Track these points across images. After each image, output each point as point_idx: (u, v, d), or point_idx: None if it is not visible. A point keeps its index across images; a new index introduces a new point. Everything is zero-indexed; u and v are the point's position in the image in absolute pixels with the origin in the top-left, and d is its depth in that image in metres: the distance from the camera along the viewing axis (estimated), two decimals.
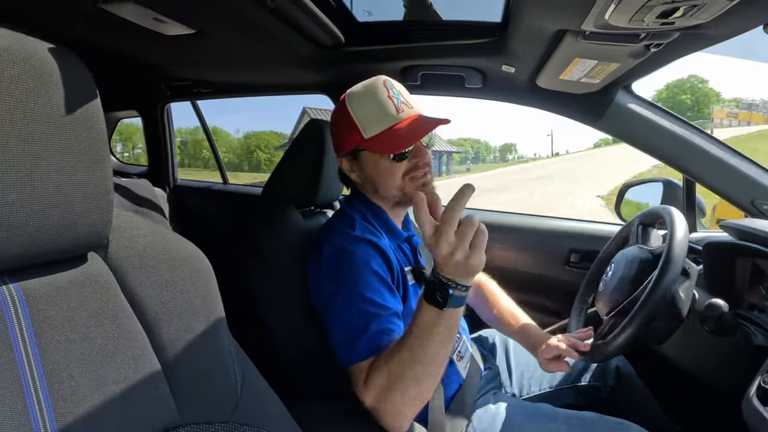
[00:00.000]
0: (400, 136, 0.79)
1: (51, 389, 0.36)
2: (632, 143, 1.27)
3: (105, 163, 0.41)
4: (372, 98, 0.81)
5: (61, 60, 0.38)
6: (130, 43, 1.37)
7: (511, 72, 1.21)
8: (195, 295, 0.49)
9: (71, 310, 0.40)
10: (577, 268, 1.47)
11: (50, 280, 0.40)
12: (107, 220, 0.43)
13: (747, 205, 1.17)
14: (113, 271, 0.45)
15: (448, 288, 0.62)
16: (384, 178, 0.83)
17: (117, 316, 0.43)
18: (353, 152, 0.84)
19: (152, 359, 0.44)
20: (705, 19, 0.69)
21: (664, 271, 0.75)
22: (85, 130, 0.39)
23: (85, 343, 0.40)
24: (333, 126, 0.88)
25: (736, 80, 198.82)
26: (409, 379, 0.66)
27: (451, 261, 0.60)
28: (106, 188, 0.42)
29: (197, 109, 2.22)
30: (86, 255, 0.43)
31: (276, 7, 1.01)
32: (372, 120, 0.80)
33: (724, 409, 0.85)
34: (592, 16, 0.75)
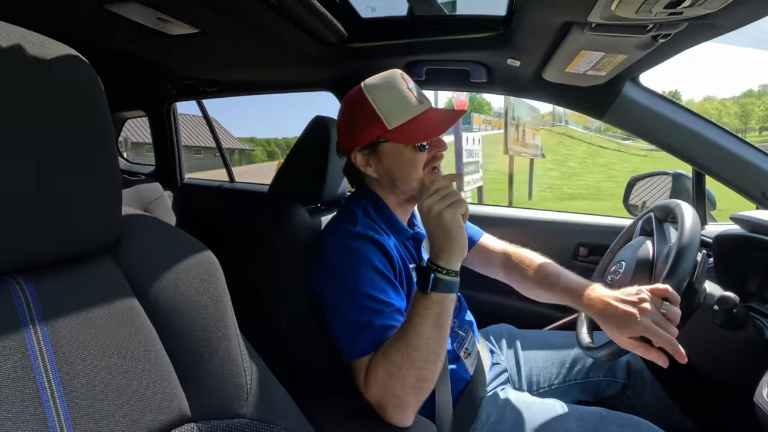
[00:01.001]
0: (426, 126, 0.80)
1: (65, 385, 0.37)
2: (640, 135, 1.26)
3: (113, 163, 0.42)
4: (394, 89, 0.81)
5: (67, 61, 0.38)
6: (136, 43, 1.38)
7: (516, 66, 1.20)
8: (204, 293, 0.49)
9: (83, 309, 0.40)
10: (585, 262, 1.46)
11: (62, 280, 0.40)
12: (116, 221, 0.43)
13: (759, 197, 1.15)
14: (123, 270, 0.45)
15: (431, 272, 0.69)
16: (407, 170, 0.82)
17: (128, 315, 0.43)
18: (371, 145, 0.82)
19: (163, 357, 0.44)
20: (714, 8, 0.68)
21: (676, 264, 0.75)
22: (92, 131, 0.39)
23: (98, 341, 0.40)
24: (346, 120, 0.85)
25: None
26: (407, 367, 0.67)
27: (431, 213, 0.71)
28: (114, 188, 0.42)
29: (203, 108, 2.23)
30: (96, 255, 0.44)
31: (279, 5, 1.01)
32: (395, 110, 0.79)
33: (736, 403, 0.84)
34: (599, 8, 0.74)
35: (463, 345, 0.92)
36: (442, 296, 0.69)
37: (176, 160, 2.32)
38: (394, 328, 0.72)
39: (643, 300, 0.73)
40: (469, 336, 0.95)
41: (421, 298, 0.70)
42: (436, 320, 0.68)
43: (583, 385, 1.06)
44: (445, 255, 0.70)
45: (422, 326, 0.67)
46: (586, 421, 0.84)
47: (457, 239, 0.70)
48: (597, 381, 1.06)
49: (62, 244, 0.39)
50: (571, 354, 1.08)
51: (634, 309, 0.72)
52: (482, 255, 1.10)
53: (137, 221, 0.49)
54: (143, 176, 2.22)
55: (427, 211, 0.72)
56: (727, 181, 1.18)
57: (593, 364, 1.06)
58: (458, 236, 0.70)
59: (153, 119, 2.25)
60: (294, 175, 0.99)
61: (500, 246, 1.10)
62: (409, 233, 0.90)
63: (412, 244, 0.93)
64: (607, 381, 1.05)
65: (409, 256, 0.89)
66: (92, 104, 0.39)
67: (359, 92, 0.82)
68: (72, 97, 0.38)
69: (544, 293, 0.97)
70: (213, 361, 0.48)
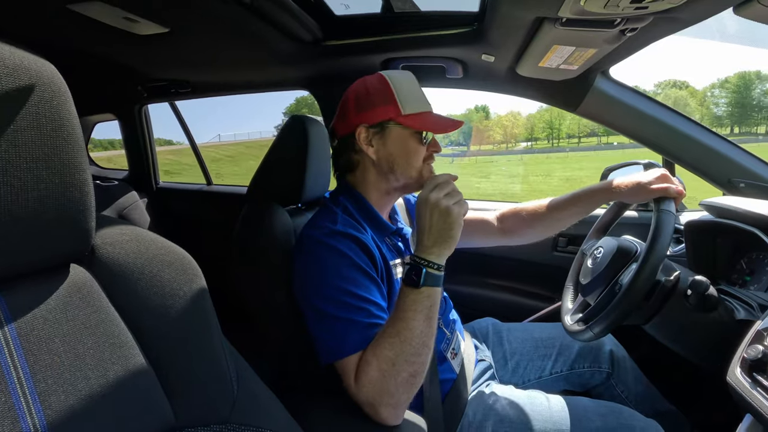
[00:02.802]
0: (437, 121, 0.86)
1: (41, 398, 0.36)
2: (612, 127, 1.29)
3: (83, 169, 0.40)
4: (413, 84, 0.88)
5: (31, 64, 0.36)
6: (102, 44, 1.34)
7: (491, 61, 1.21)
8: (184, 298, 0.48)
9: (57, 322, 0.39)
10: (565, 252, 1.49)
11: (33, 291, 0.39)
12: (89, 228, 0.42)
13: (724, 183, 1.20)
14: (98, 279, 0.44)
15: (422, 267, 0.71)
16: (409, 157, 0.85)
17: (105, 325, 0.42)
18: (381, 125, 0.85)
19: (144, 366, 0.43)
20: (676, 2, 0.70)
21: (651, 250, 0.77)
22: (59, 137, 0.38)
23: (74, 354, 0.39)
24: (360, 96, 0.86)
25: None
26: (401, 363, 0.67)
27: (439, 207, 0.73)
28: (85, 195, 0.41)
29: (176, 110, 2.18)
30: (69, 265, 0.42)
31: (252, 4, 1.00)
32: (412, 100, 0.85)
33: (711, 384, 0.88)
34: (568, 3, 0.75)
35: (449, 345, 0.93)
36: (432, 290, 0.71)
37: (150, 163, 2.26)
38: (378, 326, 0.72)
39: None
40: (454, 335, 0.96)
41: (410, 294, 0.71)
42: (427, 313, 0.70)
43: (569, 376, 1.08)
44: (437, 250, 0.72)
45: (414, 321, 0.69)
46: (571, 412, 0.86)
47: (455, 236, 0.73)
48: (582, 371, 1.08)
49: (31, 256, 0.38)
50: (556, 346, 1.10)
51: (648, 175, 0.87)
52: (471, 226, 1.11)
53: (111, 228, 0.47)
54: (116, 182, 2.16)
55: (433, 205, 0.73)
56: (695, 168, 1.22)
57: (578, 354, 1.09)
58: (457, 234, 0.73)
59: (124, 122, 2.18)
60: (273, 176, 0.97)
61: (480, 213, 1.14)
62: (391, 229, 0.90)
63: (399, 239, 0.93)
64: (592, 371, 1.08)
65: (392, 252, 0.89)
66: (58, 108, 0.38)
67: (380, 77, 0.87)
68: (36, 102, 0.36)
69: (567, 211, 0.99)
70: (196, 366, 0.47)
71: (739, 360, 0.68)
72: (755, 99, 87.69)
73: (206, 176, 2.28)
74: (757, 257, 0.99)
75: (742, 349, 0.69)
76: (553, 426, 0.84)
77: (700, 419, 1.05)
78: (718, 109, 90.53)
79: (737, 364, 0.68)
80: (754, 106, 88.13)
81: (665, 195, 0.83)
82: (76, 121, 0.39)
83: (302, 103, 74.32)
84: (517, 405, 0.88)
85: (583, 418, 0.85)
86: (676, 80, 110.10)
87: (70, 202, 0.39)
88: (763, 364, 0.63)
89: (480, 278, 1.63)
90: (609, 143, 76.32)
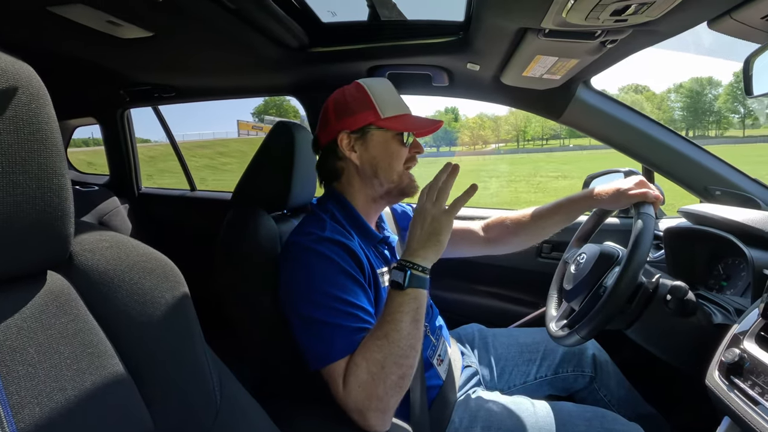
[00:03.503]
0: (415, 123, 0.88)
1: (14, 409, 0.34)
2: (594, 135, 1.32)
3: (61, 174, 0.39)
4: (389, 88, 0.89)
5: (8, 66, 0.36)
6: (84, 47, 1.31)
7: (476, 70, 1.23)
8: (166, 305, 0.47)
9: (32, 331, 0.38)
10: (549, 258, 1.51)
11: (8, 300, 0.38)
12: (68, 234, 0.41)
13: (701, 190, 1.24)
14: (77, 287, 0.42)
15: (407, 269, 0.72)
16: (391, 160, 0.86)
17: (83, 334, 0.41)
18: (361, 130, 0.85)
19: (124, 376, 0.42)
20: (655, 16, 0.73)
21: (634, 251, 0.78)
22: (37, 141, 0.37)
23: (50, 364, 0.38)
24: (339, 104, 0.88)
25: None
26: (389, 365, 0.67)
27: (424, 209, 0.75)
28: (64, 201, 0.40)
29: (159, 115, 2.15)
30: (47, 273, 0.41)
31: (238, 9, 0.99)
32: (390, 104, 0.87)
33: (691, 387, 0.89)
34: (551, 15, 0.77)
35: (436, 352, 0.93)
36: (418, 291, 0.72)
37: (132, 169, 2.22)
38: (366, 330, 0.72)
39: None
40: (441, 342, 0.96)
41: (397, 296, 0.72)
42: (414, 315, 0.71)
43: (553, 380, 1.09)
44: (423, 253, 0.74)
45: (402, 322, 0.69)
46: (556, 417, 0.87)
47: (443, 242, 0.75)
48: (566, 376, 1.09)
49: (6, 262, 0.37)
50: (541, 351, 1.11)
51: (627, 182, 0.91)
52: (456, 236, 1.12)
53: (91, 235, 0.46)
54: (96, 187, 2.11)
55: (427, 212, 0.75)
56: (672, 176, 1.26)
57: (562, 359, 1.10)
58: (445, 239, 0.75)
59: (105, 127, 2.14)
60: (258, 182, 0.97)
61: (465, 223, 1.15)
62: (378, 237, 0.89)
63: (385, 247, 0.93)
64: (575, 375, 1.09)
65: (379, 260, 0.89)
66: (36, 111, 0.37)
67: (356, 84, 0.88)
68: (13, 105, 0.35)
69: (550, 220, 1.02)
70: (178, 375, 0.46)
71: (717, 363, 0.70)
72: (707, 103, 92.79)
73: (190, 182, 2.25)
74: (733, 263, 1.02)
75: (720, 353, 0.70)
76: (539, 431, 0.84)
77: (680, 422, 1.07)
78: (675, 113, 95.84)
79: (715, 368, 0.70)
80: (706, 110, 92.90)
81: (644, 200, 0.86)
82: (54, 125, 0.39)
83: (270, 104, 75.52)
84: (503, 411, 0.89)
85: (568, 422, 0.85)
86: (638, 84, 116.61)
87: (48, 208, 0.38)
88: (739, 367, 0.65)
89: (466, 284, 1.63)
90: (565, 145, 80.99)
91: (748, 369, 0.64)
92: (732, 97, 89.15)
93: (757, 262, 0.83)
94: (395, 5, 1.19)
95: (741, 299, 0.92)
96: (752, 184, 1.16)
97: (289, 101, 54.12)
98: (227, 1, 0.95)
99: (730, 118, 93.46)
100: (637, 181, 0.89)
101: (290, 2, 1.15)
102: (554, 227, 1.02)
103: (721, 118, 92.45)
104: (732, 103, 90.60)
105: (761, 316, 0.68)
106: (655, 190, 0.87)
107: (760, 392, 0.60)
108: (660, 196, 0.87)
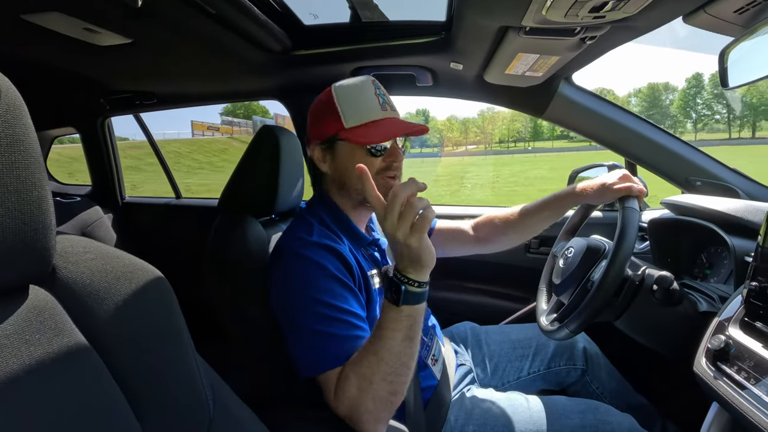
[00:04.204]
0: (378, 131, 0.81)
1: None
2: (576, 131, 1.34)
3: (41, 185, 0.38)
4: (358, 91, 0.83)
5: None
6: (61, 55, 1.29)
7: (459, 69, 1.24)
8: (155, 316, 0.46)
9: (16, 347, 0.36)
10: (537, 254, 1.53)
11: None
12: (49, 247, 0.40)
13: (682, 182, 1.26)
14: (61, 301, 0.41)
15: (401, 284, 0.65)
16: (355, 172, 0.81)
17: (70, 349, 0.40)
18: (329, 140, 0.83)
19: (114, 390, 0.41)
20: (632, 12, 0.74)
21: (619, 246, 0.80)
22: (15, 152, 0.36)
23: (35, 381, 0.37)
24: (313, 114, 0.86)
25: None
26: (378, 381, 0.66)
27: (397, 240, 0.63)
28: (44, 213, 0.39)
29: (141, 122, 2.12)
30: (29, 287, 0.40)
31: (218, 14, 0.98)
32: (354, 111, 0.81)
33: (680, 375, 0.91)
34: (531, 13, 0.78)
35: (430, 352, 0.92)
36: (413, 309, 0.66)
37: (115, 178, 2.18)
38: (359, 338, 0.71)
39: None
40: (434, 342, 0.96)
41: (390, 311, 0.66)
42: (407, 333, 0.66)
43: (546, 375, 1.10)
44: (412, 269, 0.66)
45: (393, 340, 0.66)
46: (550, 411, 0.88)
47: (426, 260, 0.65)
48: (558, 370, 1.10)
49: None
50: (533, 346, 1.12)
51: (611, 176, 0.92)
52: (446, 236, 1.12)
53: (73, 247, 0.45)
54: (78, 198, 2.07)
55: (391, 236, 0.64)
56: (654, 168, 1.28)
57: (554, 353, 1.11)
58: (428, 258, 0.65)
59: (86, 136, 2.10)
60: (245, 187, 0.96)
61: (455, 222, 1.15)
62: (368, 240, 0.89)
63: (375, 249, 0.92)
64: (567, 368, 1.10)
65: (372, 264, 0.88)
66: (13, 122, 0.36)
67: (328, 90, 0.85)
68: None
69: (538, 217, 1.02)
70: (169, 387, 0.45)
71: (704, 350, 0.71)
72: (664, 107, 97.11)
73: (175, 189, 2.22)
74: (715, 251, 1.04)
75: (706, 340, 0.72)
76: (533, 427, 0.85)
77: (670, 410, 1.09)
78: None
79: (702, 355, 0.71)
80: (664, 113, 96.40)
81: (628, 194, 0.86)
82: (33, 136, 0.38)
83: (238, 104, 75.83)
84: (497, 408, 0.89)
85: (562, 416, 0.86)
86: (604, 88, 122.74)
87: (29, 221, 0.37)
88: (726, 353, 0.66)
89: (456, 283, 1.64)
90: (526, 148, 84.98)
91: (734, 355, 0.65)
92: (684, 102, 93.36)
93: (738, 249, 0.85)
94: (377, 6, 1.19)
95: (724, 286, 0.94)
96: (731, 173, 1.19)
97: (257, 102, 55.25)
98: (207, 6, 0.94)
99: (684, 122, 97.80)
100: (621, 175, 0.90)
101: (271, 5, 1.14)
102: (542, 224, 1.03)
103: (676, 122, 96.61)
104: (684, 108, 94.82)
105: (744, 302, 0.70)
106: (639, 184, 0.88)
107: (746, 377, 0.62)
108: (644, 190, 0.88)
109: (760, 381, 0.60)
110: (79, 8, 0.93)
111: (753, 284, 0.68)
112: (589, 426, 0.85)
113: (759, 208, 0.90)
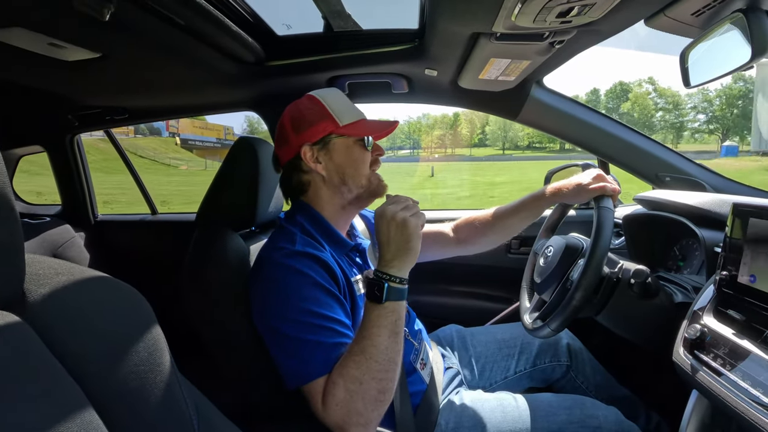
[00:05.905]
0: (373, 126, 0.88)
1: None
2: (550, 132, 1.38)
3: (8, 207, 0.37)
4: (342, 97, 0.90)
5: None
6: (26, 72, 1.25)
7: (434, 75, 1.26)
8: (133, 337, 0.45)
9: None
10: (518, 254, 1.55)
11: None
12: (19, 271, 0.38)
13: (652, 178, 1.31)
14: (33, 326, 0.40)
15: (384, 281, 0.71)
16: (357, 165, 0.86)
17: (45, 377, 0.38)
18: (323, 140, 0.86)
19: (92, 417, 0.40)
20: (597, 16, 0.77)
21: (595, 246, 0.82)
22: None
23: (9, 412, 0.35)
24: (298, 119, 0.87)
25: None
26: (368, 381, 0.66)
27: (396, 220, 0.73)
28: (13, 235, 0.37)
29: (112, 138, 2.06)
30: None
31: (188, 26, 0.97)
32: (345, 111, 0.88)
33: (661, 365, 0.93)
34: (501, 19, 0.80)
35: (418, 356, 0.93)
36: (396, 304, 0.71)
37: (87, 195, 2.11)
38: (345, 345, 0.71)
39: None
40: (422, 346, 0.96)
41: (374, 309, 0.70)
42: (392, 328, 0.70)
43: (532, 372, 1.12)
44: (398, 263, 0.72)
45: (379, 337, 0.68)
46: (538, 409, 0.89)
47: (415, 248, 0.74)
48: (544, 367, 1.12)
49: None
50: (518, 345, 1.14)
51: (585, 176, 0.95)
52: (427, 239, 1.12)
53: (44, 269, 0.43)
54: (48, 218, 1.99)
55: (390, 218, 0.73)
56: (625, 166, 1.33)
57: (538, 351, 1.13)
58: (416, 245, 0.74)
59: (54, 154, 2.03)
60: (223, 200, 0.94)
61: (436, 225, 1.16)
62: (350, 245, 0.89)
63: (357, 255, 0.92)
64: (553, 365, 1.12)
65: (352, 269, 0.88)
66: None
67: (309, 97, 0.89)
68: None
69: (516, 217, 1.04)
70: (152, 409, 0.44)
71: (681, 340, 0.73)
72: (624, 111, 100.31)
73: (150, 206, 2.16)
74: (687, 243, 1.08)
75: (683, 330, 0.74)
76: (523, 425, 0.86)
77: (653, 400, 1.11)
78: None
79: (680, 344, 0.73)
80: (621, 116, 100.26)
81: (603, 193, 0.89)
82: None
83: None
84: (487, 409, 0.90)
85: (550, 413, 0.88)
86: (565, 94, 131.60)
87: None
88: (702, 341, 0.69)
89: (440, 286, 1.65)
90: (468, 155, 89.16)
91: (710, 342, 0.68)
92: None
93: (708, 241, 0.89)
94: (350, 16, 1.20)
95: (697, 277, 0.97)
96: (697, 168, 1.24)
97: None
98: (176, 18, 0.93)
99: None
100: (595, 175, 0.93)
101: (243, 16, 1.13)
102: (521, 224, 1.05)
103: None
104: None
105: (716, 291, 0.73)
106: (613, 183, 0.91)
107: (722, 363, 0.64)
108: (617, 189, 0.91)
109: (736, 367, 0.62)
110: (42, 23, 0.91)
111: (723, 273, 0.70)
112: (576, 421, 0.86)
113: (725, 201, 0.94)
